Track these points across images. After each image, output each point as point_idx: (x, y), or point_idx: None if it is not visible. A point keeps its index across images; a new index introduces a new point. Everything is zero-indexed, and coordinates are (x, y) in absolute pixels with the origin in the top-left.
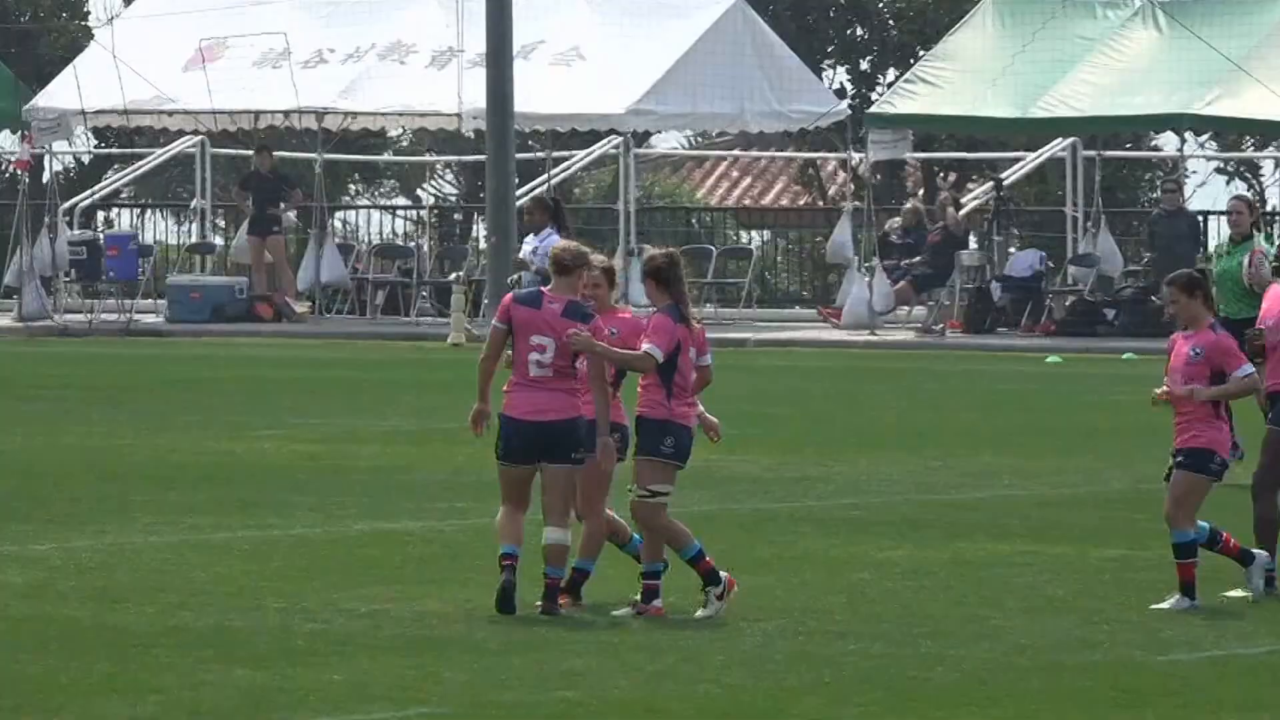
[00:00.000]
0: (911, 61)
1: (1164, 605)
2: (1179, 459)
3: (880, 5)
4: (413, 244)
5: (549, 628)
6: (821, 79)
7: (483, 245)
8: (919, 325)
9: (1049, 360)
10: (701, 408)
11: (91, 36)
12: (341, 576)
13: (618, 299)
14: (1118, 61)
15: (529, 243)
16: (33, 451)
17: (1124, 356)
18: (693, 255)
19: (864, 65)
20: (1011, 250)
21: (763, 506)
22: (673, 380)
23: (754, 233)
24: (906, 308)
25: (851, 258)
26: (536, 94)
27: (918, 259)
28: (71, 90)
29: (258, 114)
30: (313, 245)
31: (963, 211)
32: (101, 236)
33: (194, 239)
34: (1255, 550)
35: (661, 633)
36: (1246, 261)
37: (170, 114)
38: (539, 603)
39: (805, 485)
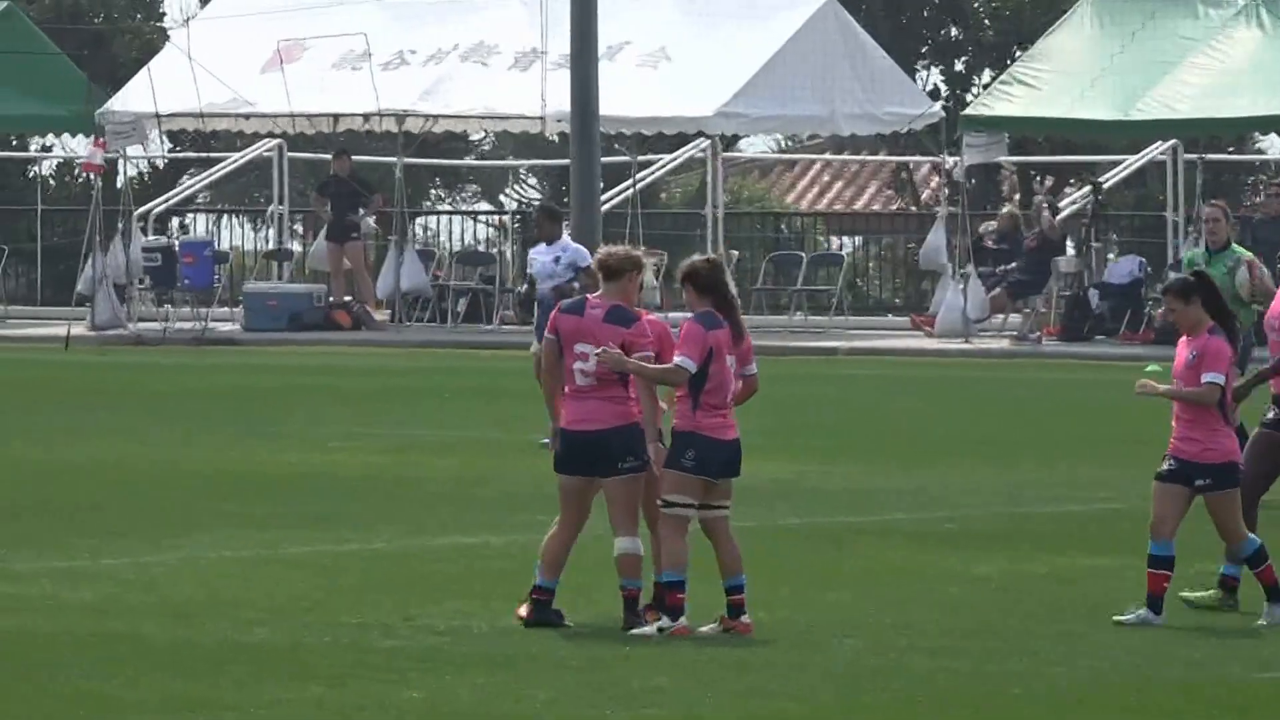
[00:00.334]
0: (1007, 62)
1: (1126, 618)
2: (1167, 467)
3: (976, 5)
4: (495, 250)
5: (632, 644)
6: (915, 80)
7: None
8: (1014, 333)
9: (1148, 369)
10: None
11: (167, 38)
12: (420, 591)
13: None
14: (1220, 61)
15: (544, 253)
16: (104, 463)
17: (1147, 367)
18: (782, 262)
19: (959, 66)
20: (1110, 256)
21: (851, 520)
22: (702, 391)
23: (845, 238)
24: (1001, 315)
25: (945, 264)
26: (622, 96)
27: (1013, 265)
28: (146, 93)
29: (337, 117)
30: (392, 252)
31: (1059, 216)
32: (176, 243)
33: (271, 245)
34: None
35: (748, 650)
36: (1247, 273)
37: (247, 117)
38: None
39: (896, 498)
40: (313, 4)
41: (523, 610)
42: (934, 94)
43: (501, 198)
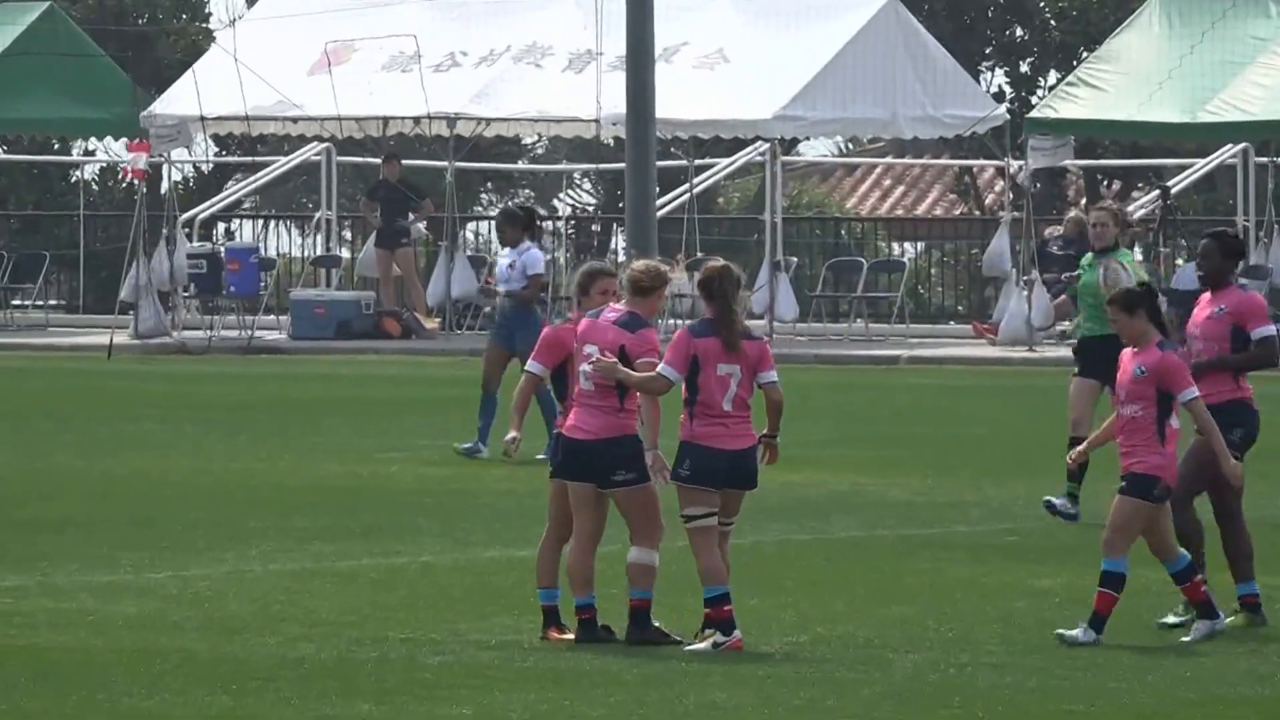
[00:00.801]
0: (1074, 63)
1: (1074, 633)
2: (1122, 483)
3: (1041, 5)
4: (548, 256)
5: (686, 660)
6: (979, 82)
7: (622, 258)
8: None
9: None
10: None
11: (212, 39)
12: (470, 606)
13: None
14: None
15: (504, 258)
16: (147, 475)
17: None
18: (842, 268)
19: (1024, 67)
20: (1179, 262)
21: (912, 532)
22: (696, 400)
23: (906, 244)
24: (1067, 323)
25: (1009, 270)
26: (679, 98)
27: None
28: (191, 96)
29: (386, 120)
30: (443, 258)
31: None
32: (222, 249)
33: (319, 252)
34: (1219, 611)
35: (807, 665)
36: (1101, 272)
37: (295, 120)
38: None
39: (958, 510)
40: (361, 4)
41: (563, 634)
42: (998, 96)
43: (555, 203)
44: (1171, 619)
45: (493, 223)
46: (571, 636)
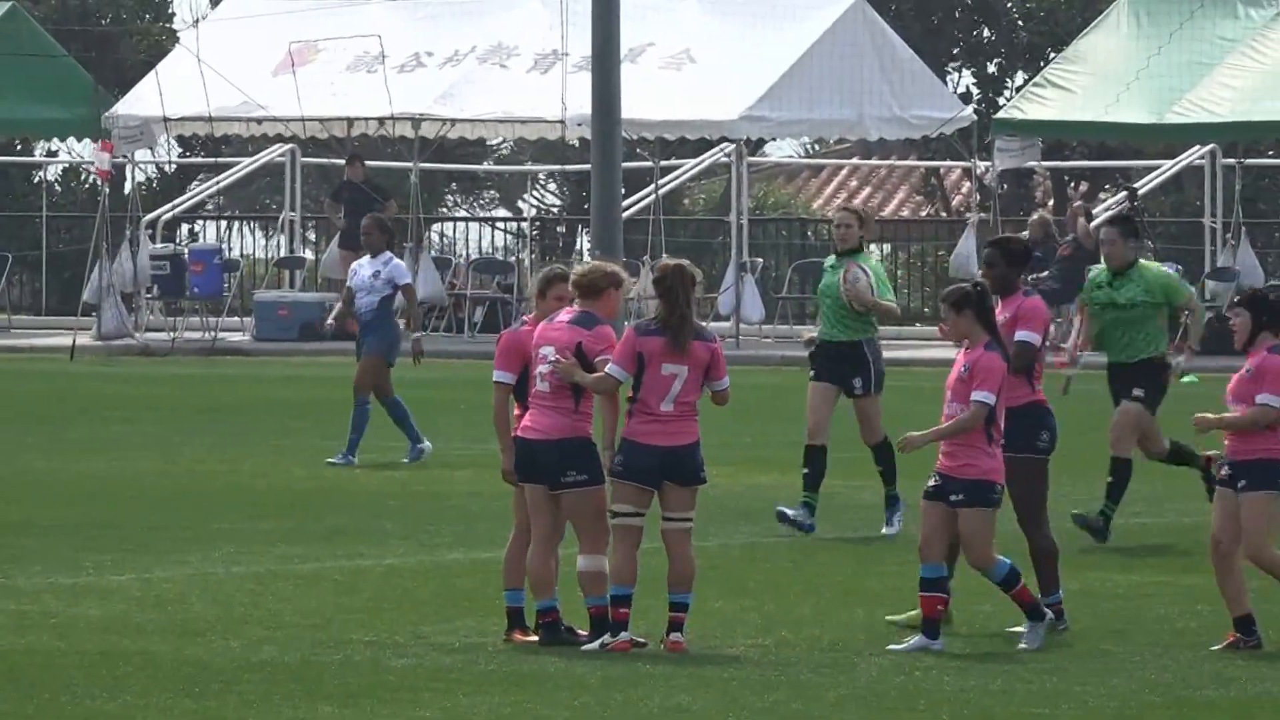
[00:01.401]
0: (1041, 64)
1: (900, 647)
2: (959, 495)
3: (1009, 5)
4: (513, 258)
5: (652, 663)
6: (946, 83)
7: (587, 259)
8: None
9: (1184, 380)
10: None
11: (176, 40)
12: (435, 608)
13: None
14: (1260, 63)
15: (365, 266)
16: (111, 477)
17: (1183, 379)
18: (809, 270)
19: (991, 68)
20: None
21: (879, 535)
22: (636, 398)
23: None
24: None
25: (976, 272)
26: (644, 99)
27: (1046, 274)
28: (155, 96)
29: (351, 121)
30: (407, 259)
31: (1094, 223)
32: (185, 250)
33: (283, 253)
34: (1045, 609)
35: (773, 668)
36: (842, 276)
37: (258, 121)
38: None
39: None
40: (326, 5)
41: (526, 636)
42: (965, 97)
43: (520, 204)
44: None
45: (460, 225)
46: (534, 638)
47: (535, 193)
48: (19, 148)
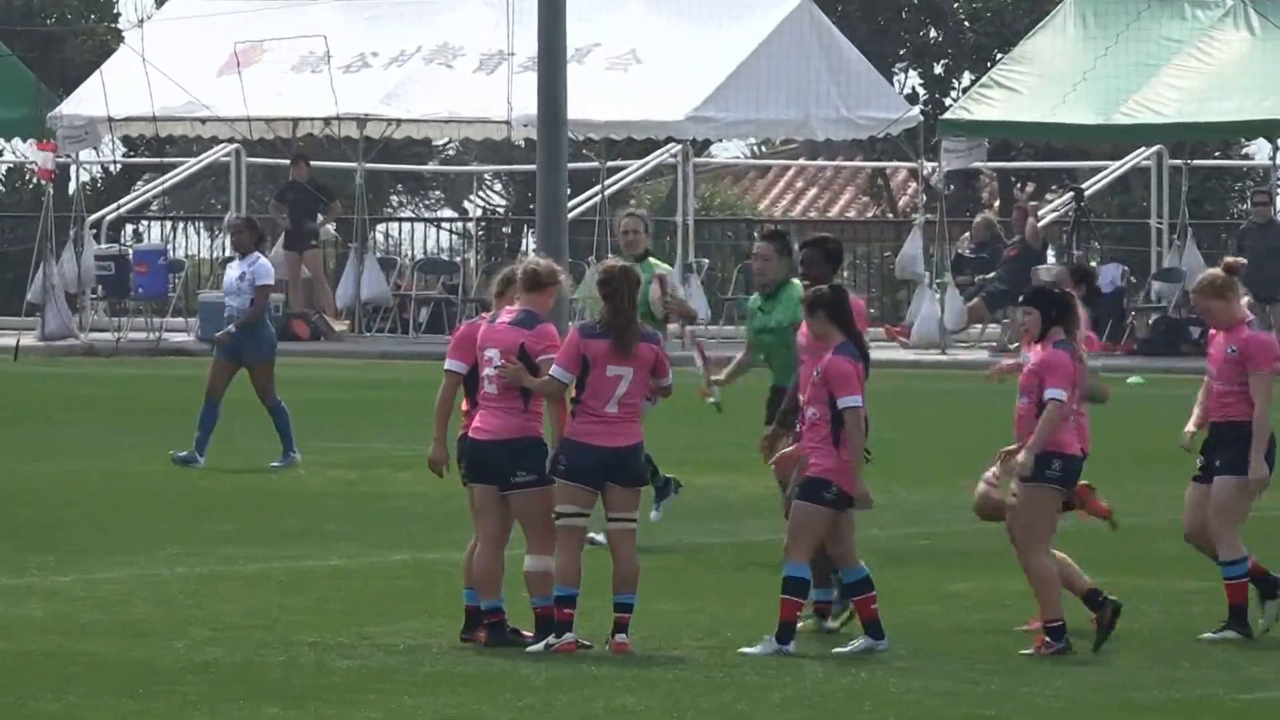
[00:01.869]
0: (988, 65)
1: (754, 650)
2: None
3: (955, 6)
4: (458, 258)
5: (596, 664)
6: (892, 84)
7: (532, 259)
8: (993, 344)
9: (1130, 381)
10: None
11: (121, 40)
12: (379, 609)
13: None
14: (1207, 64)
15: (234, 268)
16: (55, 478)
17: (1129, 380)
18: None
19: (938, 69)
20: (1092, 265)
21: None
22: (580, 399)
23: None
24: (980, 326)
25: (922, 273)
26: (591, 100)
27: (992, 274)
28: (99, 96)
29: (296, 121)
30: (353, 260)
31: (1041, 224)
32: (130, 251)
33: (227, 253)
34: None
35: (718, 670)
36: (658, 287)
37: (203, 121)
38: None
39: (870, 514)
40: (271, 5)
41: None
42: (912, 98)
43: (466, 204)
44: (831, 623)
45: (406, 225)
46: (481, 638)
47: (481, 193)
48: None
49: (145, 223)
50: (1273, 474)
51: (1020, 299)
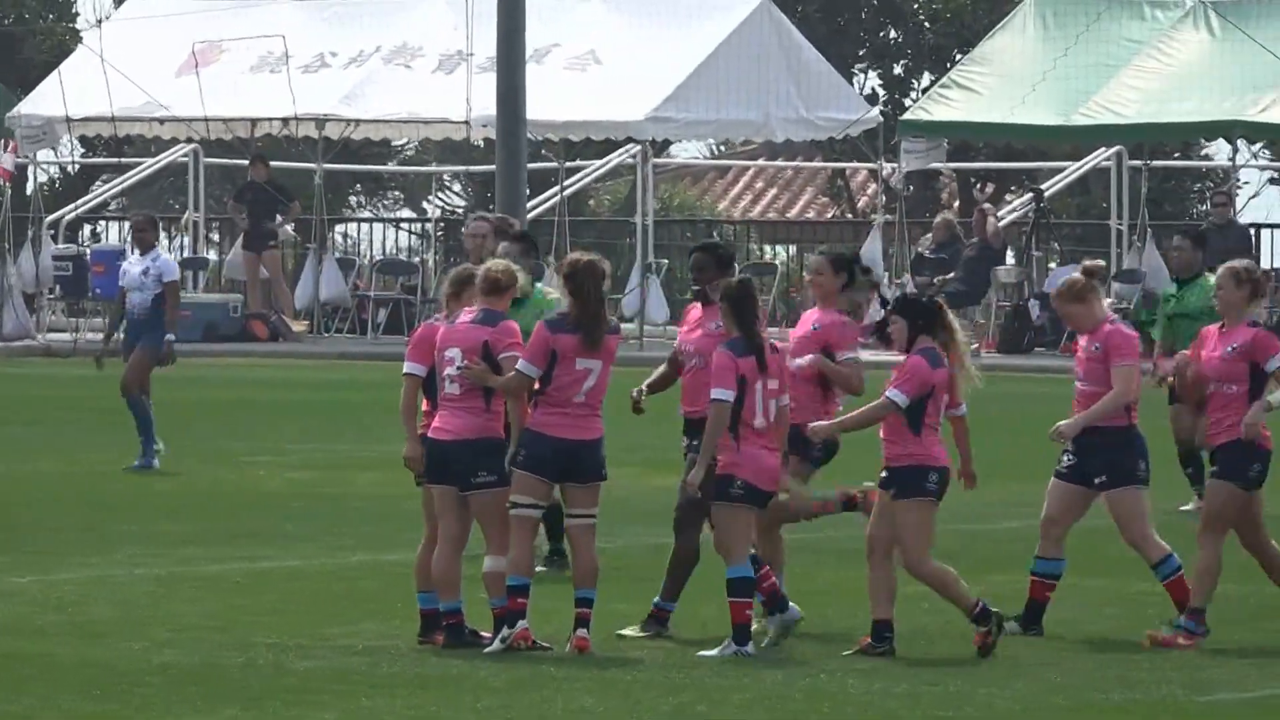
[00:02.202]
0: (948, 66)
1: (712, 653)
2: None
3: (915, 6)
4: (417, 259)
5: (556, 665)
6: (852, 84)
7: (495, 259)
8: None
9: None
10: None
11: (79, 40)
12: (338, 610)
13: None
14: (1166, 65)
15: (135, 264)
16: (12, 478)
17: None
18: None
19: (897, 70)
20: (1051, 266)
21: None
22: (546, 391)
23: (779, 247)
24: None
25: (881, 274)
26: (550, 100)
27: (951, 275)
28: (57, 96)
29: (254, 121)
30: (311, 260)
31: (1000, 225)
32: (88, 251)
33: (186, 254)
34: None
35: (677, 671)
36: None
37: (162, 122)
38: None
39: (829, 516)
40: (229, 5)
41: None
42: (871, 98)
43: (425, 205)
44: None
45: (365, 225)
46: (439, 640)
47: (440, 194)
48: None
49: (103, 223)
50: (1150, 478)
51: (889, 308)
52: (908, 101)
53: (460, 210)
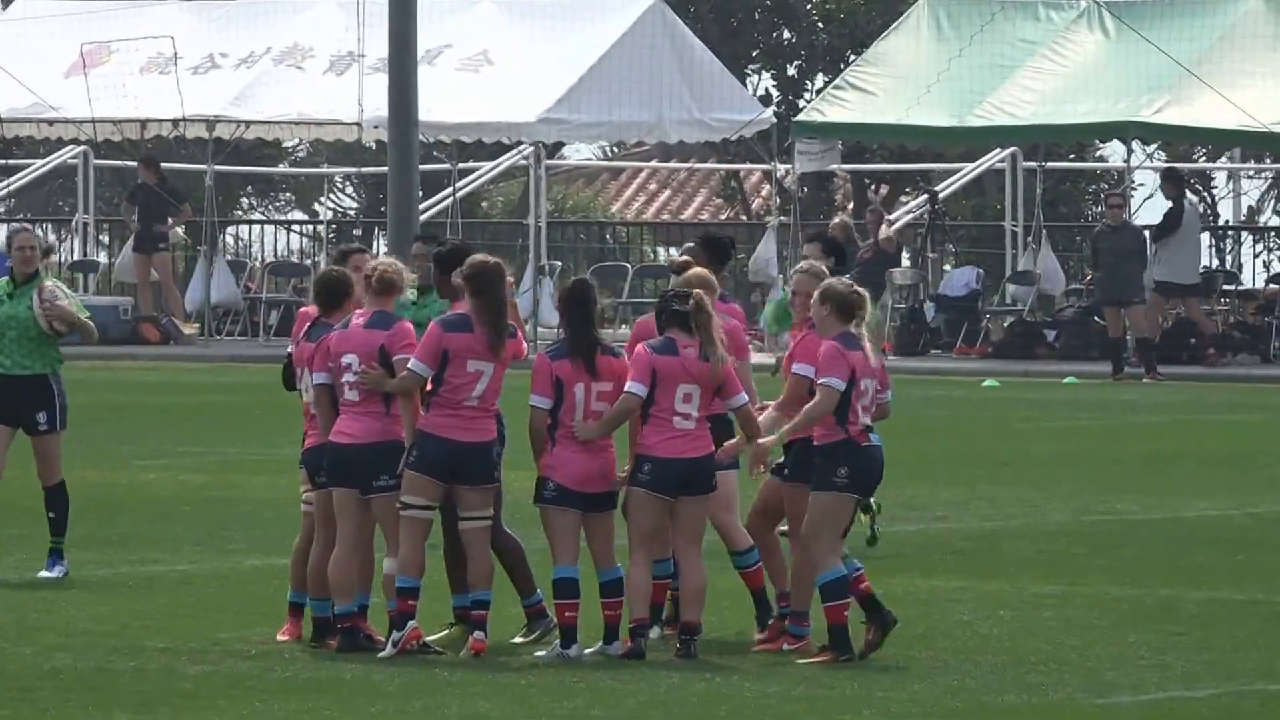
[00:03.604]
0: (841, 67)
1: (543, 654)
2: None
3: (809, 7)
4: (309, 261)
5: (450, 669)
6: (746, 85)
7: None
8: None
9: (985, 384)
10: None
11: None
12: (230, 615)
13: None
14: (1061, 66)
15: None
16: None
17: (1065, 380)
18: (607, 273)
19: (791, 71)
20: (946, 268)
21: None
22: (439, 393)
23: (673, 249)
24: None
25: (775, 276)
26: (442, 101)
27: (846, 277)
28: None
29: (144, 123)
30: (202, 263)
31: (894, 227)
32: None
33: (76, 256)
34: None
35: (572, 674)
36: (37, 297)
37: (50, 123)
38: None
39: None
40: (118, 6)
41: (376, 635)
42: (765, 99)
43: (316, 206)
44: (519, 639)
45: (256, 227)
46: (334, 644)
47: (331, 195)
48: None
49: None
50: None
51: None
52: (801, 103)
53: (351, 212)
